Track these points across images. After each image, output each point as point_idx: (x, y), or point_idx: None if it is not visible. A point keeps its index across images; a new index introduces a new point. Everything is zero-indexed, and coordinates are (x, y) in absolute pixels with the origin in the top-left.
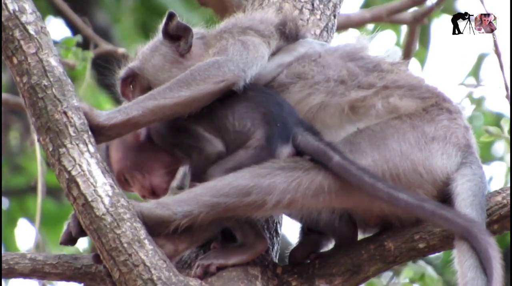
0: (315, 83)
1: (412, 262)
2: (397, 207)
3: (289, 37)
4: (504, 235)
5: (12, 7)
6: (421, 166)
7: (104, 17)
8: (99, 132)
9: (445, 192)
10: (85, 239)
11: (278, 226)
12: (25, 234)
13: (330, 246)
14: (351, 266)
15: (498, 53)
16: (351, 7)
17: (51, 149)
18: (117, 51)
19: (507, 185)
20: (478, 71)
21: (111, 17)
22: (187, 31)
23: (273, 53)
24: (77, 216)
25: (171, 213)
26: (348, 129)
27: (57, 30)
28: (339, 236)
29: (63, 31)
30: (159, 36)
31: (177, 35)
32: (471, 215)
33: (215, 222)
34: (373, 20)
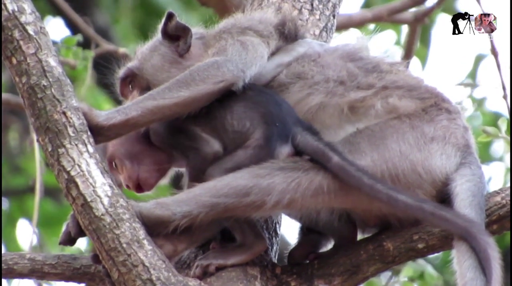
0: (314, 83)
1: (411, 261)
2: (396, 208)
3: (288, 37)
4: (503, 235)
5: (11, 8)
6: (420, 166)
7: (103, 18)
8: (98, 132)
9: (444, 192)
10: (84, 240)
11: (277, 226)
12: (25, 235)
13: (329, 246)
14: (350, 266)
15: (495, 53)
16: (351, 7)
17: (50, 149)
18: (117, 51)
19: (506, 185)
20: (476, 71)
21: (110, 17)
22: (186, 31)
23: (273, 53)
24: (76, 216)
25: (170, 213)
26: (347, 129)
27: (56, 30)
28: (339, 236)
29: (62, 31)
30: (158, 36)
31: (176, 35)
32: (470, 215)
33: (214, 222)
34: (374, 20)
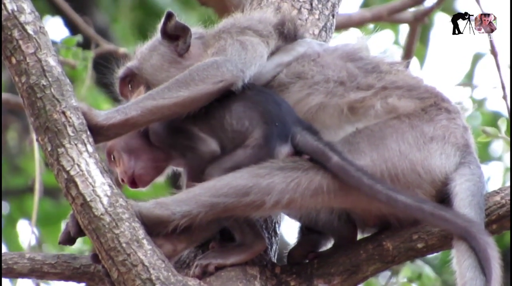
0: (314, 83)
1: (410, 261)
2: (395, 208)
3: (287, 37)
4: (502, 235)
5: (10, 7)
6: (419, 166)
7: (102, 17)
8: (98, 132)
9: (444, 192)
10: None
11: (276, 225)
12: (25, 235)
13: (328, 245)
14: (349, 266)
15: (494, 53)
16: (350, 7)
17: (49, 149)
18: (117, 51)
19: (505, 185)
20: (473, 71)
21: (109, 17)
22: (185, 31)
23: (272, 53)
24: (76, 215)
25: (169, 213)
26: (347, 129)
27: (55, 29)
28: (339, 236)
29: (61, 31)
30: (157, 36)
31: (176, 35)
32: (469, 215)
33: (213, 222)
34: (373, 19)
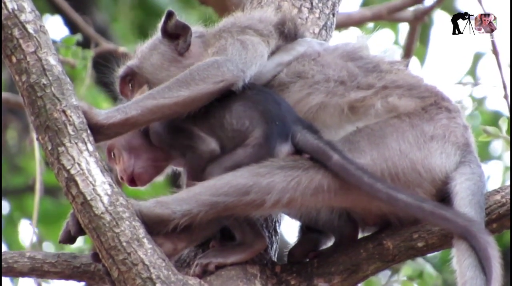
0: (315, 83)
1: (411, 260)
2: (396, 207)
3: (288, 36)
4: (502, 234)
5: (11, 6)
6: (420, 165)
7: (102, 17)
8: (98, 131)
9: (444, 191)
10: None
11: (277, 224)
12: (25, 234)
13: (329, 244)
14: (349, 265)
15: (496, 52)
16: (351, 6)
17: (50, 148)
18: (117, 50)
19: (505, 184)
20: (475, 70)
21: (109, 16)
22: (186, 29)
23: (272, 53)
24: (76, 214)
25: (170, 212)
26: (347, 129)
27: (55, 28)
28: (340, 235)
29: (60, 30)
30: (158, 34)
31: (176, 33)
32: (470, 214)
33: (214, 221)
34: (373, 18)
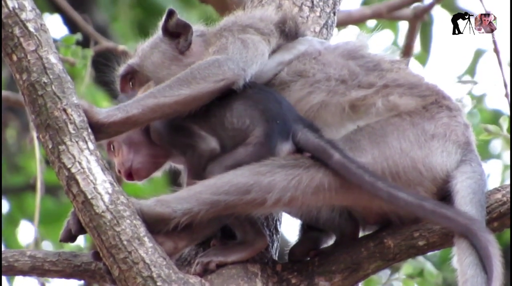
0: (316, 82)
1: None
2: (397, 206)
3: (288, 35)
4: (502, 233)
5: (11, 5)
6: (421, 164)
7: (101, 16)
8: (99, 130)
9: (445, 190)
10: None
11: (277, 223)
12: (23, 233)
13: (330, 243)
14: (350, 264)
15: (496, 51)
16: (351, 4)
17: (50, 146)
18: (117, 48)
19: (504, 183)
20: (475, 68)
21: (108, 16)
22: (186, 28)
23: (273, 51)
24: (77, 213)
25: (171, 211)
26: (348, 127)
27: (54, 27)
28: (341, 233)
29: (60, 29)
30: (158, 33)
31: (177, 32)
32: (470, 213)
33: (214, 220)
34: (373, 16)
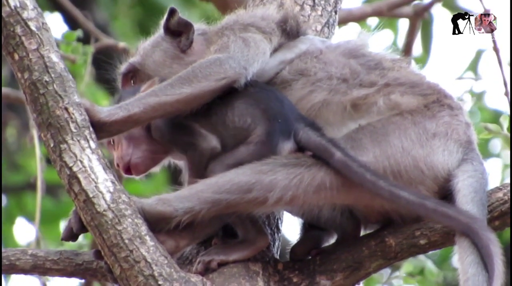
0: (317, 80)
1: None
2: (398, 205)
3: (290, 34)
4: (503, 232)
5: (13, 3)
6: (422, 162)
7: (101, 15)
8: (100, 128)
9: (446, 188)
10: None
11: (279, 222)
12: (22, 232)
13: (331, 241)
14: (352, 262)
15: (496, 49)
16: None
17: (52, 145)
18: (117, 45)
19: (504, 182)
20: (476, 66)
21: (109, 14)
22: (188, 27)
23: (275, 50)
24: (78, 212)
25: (172, 209)
26: (350, 126)
27: (54, 26)
28: (342, 232)
29: (60, 27)
30: (160, 31)
31: (178, 31)
32: (472, 211)
33: (216, 218)
34: (374, 14)
